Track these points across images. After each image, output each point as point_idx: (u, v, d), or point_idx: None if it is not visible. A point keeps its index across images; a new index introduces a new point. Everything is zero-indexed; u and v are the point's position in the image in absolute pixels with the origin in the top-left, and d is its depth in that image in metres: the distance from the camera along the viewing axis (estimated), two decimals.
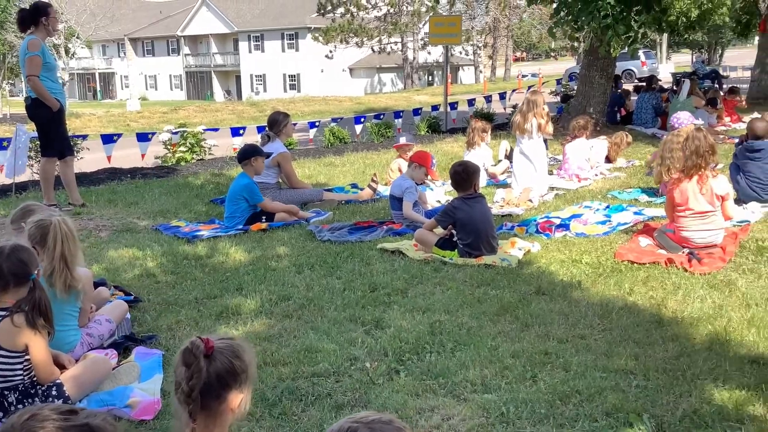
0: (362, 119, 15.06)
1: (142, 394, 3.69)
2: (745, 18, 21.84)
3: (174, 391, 2.25)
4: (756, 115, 10.57)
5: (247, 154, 7.55)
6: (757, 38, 21.83)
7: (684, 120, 7.67)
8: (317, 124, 15.30)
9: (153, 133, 12.23)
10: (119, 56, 68.22)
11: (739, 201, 7.09)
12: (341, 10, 46.81)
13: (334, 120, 15.43)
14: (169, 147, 12.09)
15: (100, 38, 61.93)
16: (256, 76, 59.27)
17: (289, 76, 57.37)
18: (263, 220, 7.28)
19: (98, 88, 68.62)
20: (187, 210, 8.16)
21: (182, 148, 12.00)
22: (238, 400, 2.26)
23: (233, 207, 7.37)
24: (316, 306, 4.88)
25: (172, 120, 21.83)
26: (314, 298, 5.03)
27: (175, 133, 12.16)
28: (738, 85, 20.04)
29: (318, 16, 48.46)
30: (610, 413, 3.27)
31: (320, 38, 47.32)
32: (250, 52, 59.40)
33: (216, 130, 13.63)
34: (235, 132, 12.99)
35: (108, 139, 11.32)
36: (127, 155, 12.18)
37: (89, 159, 11.26)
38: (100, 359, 3.90)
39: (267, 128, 8.62)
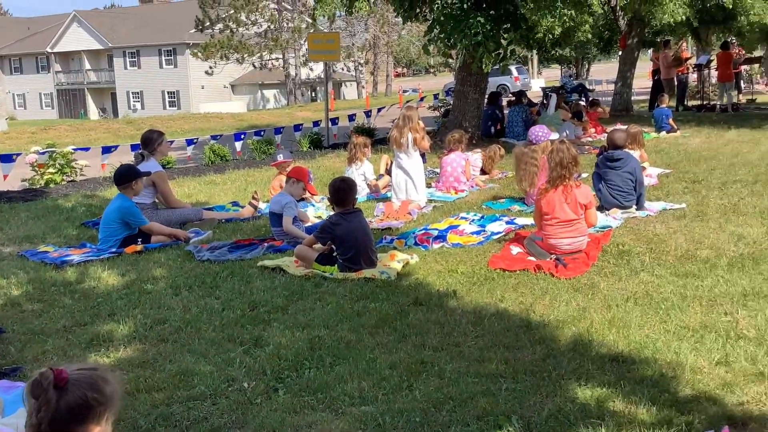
0: (242, 136, 14.91)
1: (5, 429, 3.50)
2: (607, 35, 23.24)
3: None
4: (618, 126, 11.24)
5: (128, 176, 7.30)
6: (619, 53, 23.25)
7: (541, 135, 8.05)
8: (195, 141, 15.00)
9: (18, 154, 11.61)
10: None
11: (601, 208, 7.53)
12: (220, 26, 46.20)
13: (213, 137, 15.17)
14: (36, 168, 11.51)
15: None
16: (133, 93, 57.47)
17: (168, 92, 55.98)
18: (139, 242, 7.07)
19: None
20: (56, 234, 7.81)
21: (51, 170, 11.46)
22: None
23: (108, 230, 7.11)
24: (193, 328, 4.78)
25: (42, 140, 20.76)
26: (191, 320, 4.93)
27: (43, 153, 11.59)
28: (602, 98, 21.27)
29: (197, 31, 47.60)
30: (481, 417, 3.39)
31: (200, 54, 46.49)
32: (125, 68, 57.56)
33: (87, 149, 13.10)
34: (107, 150, 12.53)
35: None
36: None
37: None
38: None
39: (141, 147, 8.39)
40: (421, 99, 23.67)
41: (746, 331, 4.23)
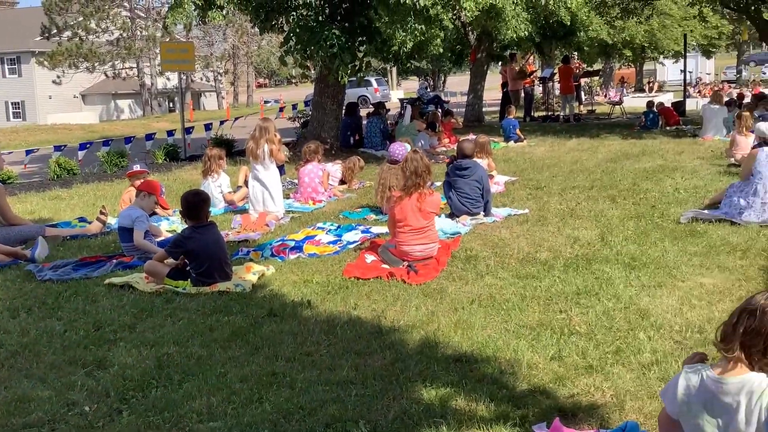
0: (87, 146, 14.24)
1: None
2: (459, 48, 24.13)
3: None
4: (469, 136, 11.70)
5: None
6: (470, 67, 24.21)
7: (399, 153, 8.24)
8: (35, 151, 14.17)
9: None
10: None
11: (452, 215, 7.82)
12: (68, 33, 43.90)
13: (56, 148, 14.36)
14: None
15: None
16: None
17: (12, 103, 52.46)
18: None
19: None
20: None
21: None
22: None
23: None
24: (31, 351, 4.54)
25: None
26: (30, 343, 4.68)
27: None
28: (457, 109, 22.05)
29: (43, 39, 44.98)
30: (330, 424, 3.44)
31: (46, 63, 43.90)
32: None
33: None
34: None
35: None
36: None
37: None
38: None
39: None
40: (281, 110, 23.54)
41: (578, 327, 4.54)
